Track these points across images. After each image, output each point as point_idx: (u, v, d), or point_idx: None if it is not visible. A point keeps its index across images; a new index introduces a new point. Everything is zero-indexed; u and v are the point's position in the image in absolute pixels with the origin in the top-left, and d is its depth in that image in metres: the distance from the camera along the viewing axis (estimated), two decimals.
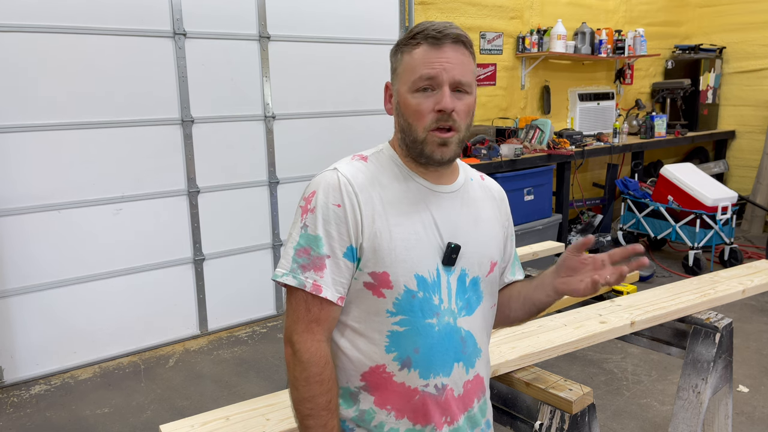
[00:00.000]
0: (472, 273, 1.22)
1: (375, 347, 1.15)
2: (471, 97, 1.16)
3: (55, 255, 3.23)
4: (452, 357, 1.18)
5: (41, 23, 3.06)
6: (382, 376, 1.16)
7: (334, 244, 1.13)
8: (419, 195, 1.19)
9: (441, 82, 1.12)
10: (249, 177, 3.84)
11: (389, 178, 1.20)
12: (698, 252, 4.68)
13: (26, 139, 3.10)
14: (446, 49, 1.12)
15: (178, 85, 3.49)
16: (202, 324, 3.77)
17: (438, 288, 1.17)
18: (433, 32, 1.13)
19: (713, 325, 1.97)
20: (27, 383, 3.19)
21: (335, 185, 1.15)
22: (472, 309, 1.22)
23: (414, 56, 1.14)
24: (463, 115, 1.15)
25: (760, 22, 6.11)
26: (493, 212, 1.30)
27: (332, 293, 1.13)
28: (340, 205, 1.13)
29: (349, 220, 1.13)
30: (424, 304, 1.15)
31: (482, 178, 1.35)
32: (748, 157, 6.34)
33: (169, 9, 3.41)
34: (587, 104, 5.79)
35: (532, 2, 5.30)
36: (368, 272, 1.14)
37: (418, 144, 1.15)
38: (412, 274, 1.14)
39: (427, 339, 1.16)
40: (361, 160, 1.22)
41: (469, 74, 1.15)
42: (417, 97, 1.14)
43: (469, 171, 1.33)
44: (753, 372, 3.17)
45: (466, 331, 1.20)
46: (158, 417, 2.85)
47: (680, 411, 2.04)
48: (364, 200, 1.14)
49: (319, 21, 3.95)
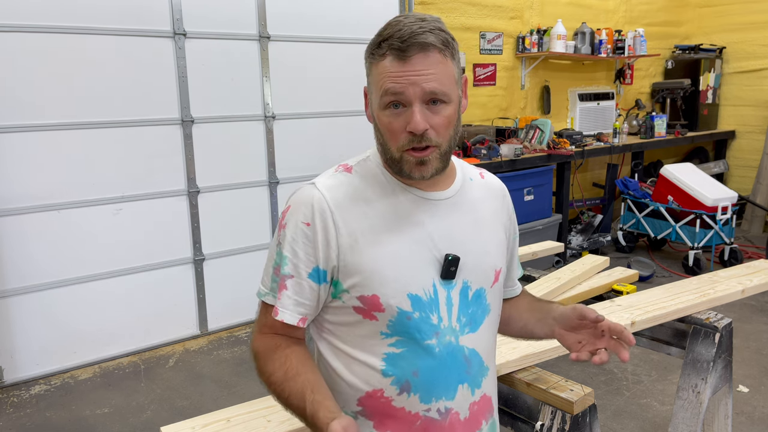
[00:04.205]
0: (476, 285, 1.13)
1: (372, 371, 1.08)
2: (450, 107, 1.03)
3: (55, 255, 3.23)
4: (456, 379, 1.10)
5: (41, 23, 3.05)
6: (380, 400, 1.08)
7: (299, 264, 1.07)
8: (410, 206, 1.09)
9: (409, 100, 1.00)
10: (249, 177, 3.84)
11: (375, 190, 1.10)
12: (698, 252, 4.68)
13: (26, 139, 3.10)
14: (414, 61, 0.99)
15: (178, 85, 3.49)
16: (202, 324, 3.77)
17: (436, 306, 1.08)
18: (398, 42, 0.99)
19: (713, 325, 1.97)
20: (27, 383, 3.19)
21: (308, 202, 1.07)
22: (477, 324, 1.13)
23: (380, 69, 1.02)
24: (442, 129, 1.03)
25: (760, 22, 6.12)
26: (495, 213, 1.20)
27: (290, 316, 1.09)
28: (309, 224, 1.06)
29: (318, 240, 1.06)
30: (421, 324, 1.07)
31: (482, 176, 1.24)
32: (748, 157, 6.35)
33: (169, 9, 3.41)
34: (587, 104, 5.79)
35: (532, 2, 5.30)
36: (356, 296, 1.06)
37: (396, 163, 1.06)
38: (405, 294, 1.05)
39: (427, 361, 1.07)
40: (344, 172, 1.13)
41: (447, 81, 1.01)
42: (387, 114, 1.03)
43: (467, 170, 1.22)
44: (753, 372, 3.17)
45: (470, 349, 1.11)
46: (158, 417, 2.85)
47: (680, 411, 2.04)
48: (343, 219, 1.06)
49: (319, 21, 3.94)
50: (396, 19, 1.05)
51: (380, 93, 1.02)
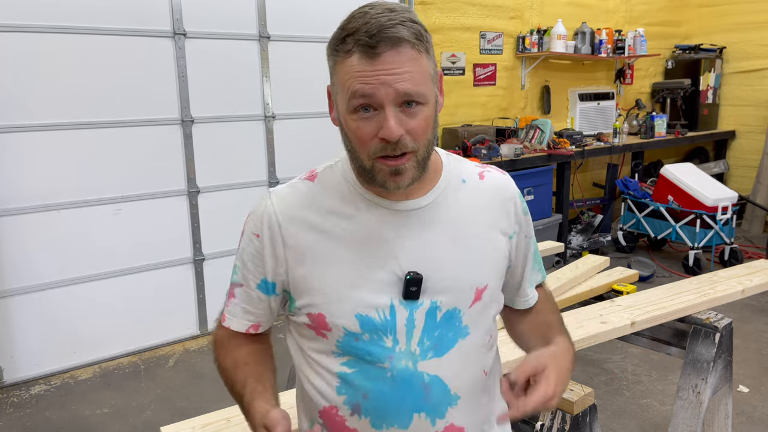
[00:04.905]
0: (447, 305, 1.00)
1: (327, 386, 1.03)
2: (427, 108, 0.92)
3: (54, 255, 3.23)
4: (410, 407, 0.99)
5: (41, 23, 3.05)
6: (335, 418, 1.03)
7: (248, 275, 1.06)
8: (372, 219, 0.99)
9: (381, 102, 0.88)
10: (249, 177, 3.84)
11: (336, 201, 1.01)
12: (698, 252, 4.68)
13: (26, 139, 3.10)
14: (384, 58, 0.87)
15: (178, 85, 3.49)
16: (202, 324, 3.77)
17: (392, 328, 0.98)
18: (365, 37, 0.87)
19: (713, 325, 1.97)
20: (27, 383, 3.19)
21: (260, 213, 1.04)
22: (445, 349, 1.00)
23: (346, 67, 0.90)
24: (420, 133, 0.92)
25: (760, 22, 6.11)
26: (489, 219, 1.06)
27: (238, 323, 1.10)
28: (258, 235, 1.03)
29: (265, 253, 1.03)
30: (371, 347, 0.99)
31: (481, 177, 1.09)
32: (748, 157, 6.34)
33: (169, 9, 3.41)
34: (587, 104, 5.79)
35: (532, 2, 5.30)
36: (305, 313, 1.02)
37: (367, 172, 0.95)
38: (353, 314, 0.98)
39: (377, 385, 0.99)
40: (306, 180, 1.06)
41: (422, 79, 0.90)
42: (356, 119, 0.91)
43: (464, 170, 1.08)
44: (753, 372, 3.17)
45: (431, 376, 0.99)
46: (158, 417, 2.85)
47: (680, 411, 2.04)
48: (291, 233, 1.01)
49: (319, 21, 3.94)
50: (361, 9, 0.92)
51: (347, 95, 0.90)
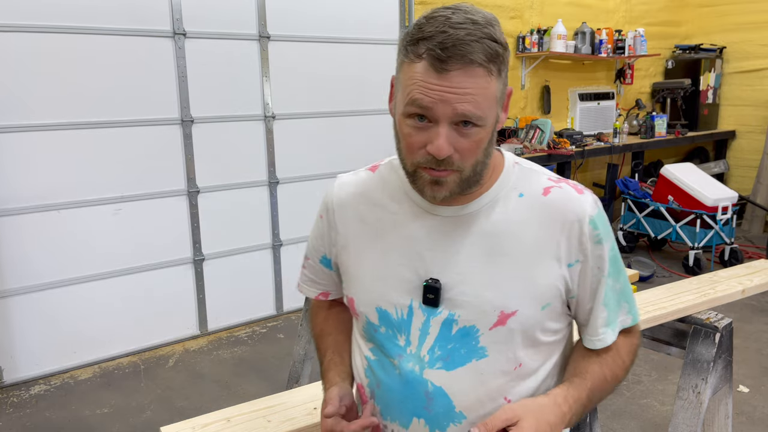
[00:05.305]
0: (464, 321, 0.96)
1: (360, 366, 1.09)
2: (483, 131, 0.88)
3: (54, 255, 3.23)
4: (410, 410, 1.00)
5: (41, 23, 3.05)
6: (362, 396, 1.10)
7: (313, 250, 1.18)
8: (410, 218, 0.99)
9: (436, 117, 0.86)
10: (249, 177, 3.84)
11: (385, 195, 1.04)
12: (698, 252, 4.67)
13: (25, 139, 3.10)
14: (452, 75, 0.83)
15: (177, 85, 3.49)
16: (202, 324, 3.77)
17: (406, 328, 0.99)
18: (438, 48, 0.83)
19: (713, 325, 1.97)
20: (27, 383, 3.19)
21: (325, 196, 1.13)
22: (455, 364, 0.97)
23: (412, 72, 0.87)
24: (468, 155, 0.89)
25: (760, 22, 6.11)
26: (541, 240, 0.95)
27: (308, 290, 1.23)
28: (322, 217, 1.13)
29: (324, 233, 1.13)
30: (386, 341, 1.02)
31: (546, 192, 0.96)
32: (748, 157, 6.34)
33: (169, 9, 3.40)
34: (587, 104, 5.79)
35: (532, 2, 5.30)
36: (345, 294, 1.12)
37: (409, 175, 0.95)
38: (374, 306, 1.02)
39: (388, 379, 1.02)
40: (368, 171, 1.11)
41: (485, 104, 0.86)
42: (409, 125, 0.89)
43: (525, 183, 0.98)
44: (753, 372, 3.17)
45: (435, 386, 0.97)
46: (158, 417, 2.85)
47: (680, 411, 2.04)
48: (341, 219, 1.07)
49: (319, 21, 3.94)
50: (441, 13, 0.86)
51: (406, 99, 0.88)
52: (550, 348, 1.02)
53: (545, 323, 0.98)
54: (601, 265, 0.98)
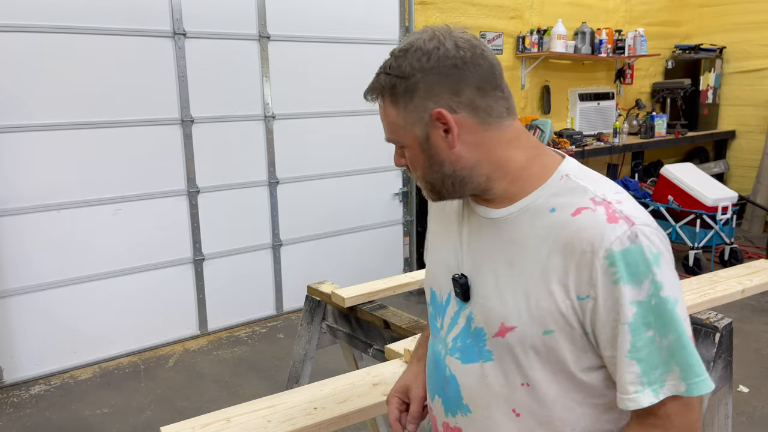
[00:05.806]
0: (478, 322, 0.98)
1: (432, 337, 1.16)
2: (411, 150, 0.95)
3: (54, 255, 3.23)
4: (434, 387, 1.08)
5: (41, 23, 3.05)
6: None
7: None
8: (459, 211, 1.05)
9: None
10: (249, 177, 3.84)
11: None
12: (698, 252, 4.68)
13: (26, 139, 3.10)
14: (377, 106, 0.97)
15: (177, 85, 3.49)
16: (202, 324, 3.77)
17: (443, 313, 1.06)
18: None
19: (713, 325, 1.97)
20: (27, 383, 3.19)
21: None
22: (467, 359, 1.00)
23: None
24: (413, 168, 0.98)
25: (760, 22, 6.11)
26: (551, 264, 0.88)
27: None
28: None
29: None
30: (432, 318, 1.11)
31: (577, 212, 0.87)
32: (748, 157, 6.34)
33: (169, 9, 3.41)
34: (587, 104, 5.79)
35: (532, 2, 5.30)
36: None
37: None
38: (429, 286, 1.12)
39: (430, 353, 1.12)
40: None
41: (392, 128, 0.95)
42: None
43: (566, 198, 0.90)
44: (753, 372, 3.17)
45: (451, 374, 1.02)
46: (158, 417, 2.85)
47: None
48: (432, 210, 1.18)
49: (319, 21, 3.94)
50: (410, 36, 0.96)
51: None
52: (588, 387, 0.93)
53: (561, 352, 0.90)
54: (618, 309, 0.84)
